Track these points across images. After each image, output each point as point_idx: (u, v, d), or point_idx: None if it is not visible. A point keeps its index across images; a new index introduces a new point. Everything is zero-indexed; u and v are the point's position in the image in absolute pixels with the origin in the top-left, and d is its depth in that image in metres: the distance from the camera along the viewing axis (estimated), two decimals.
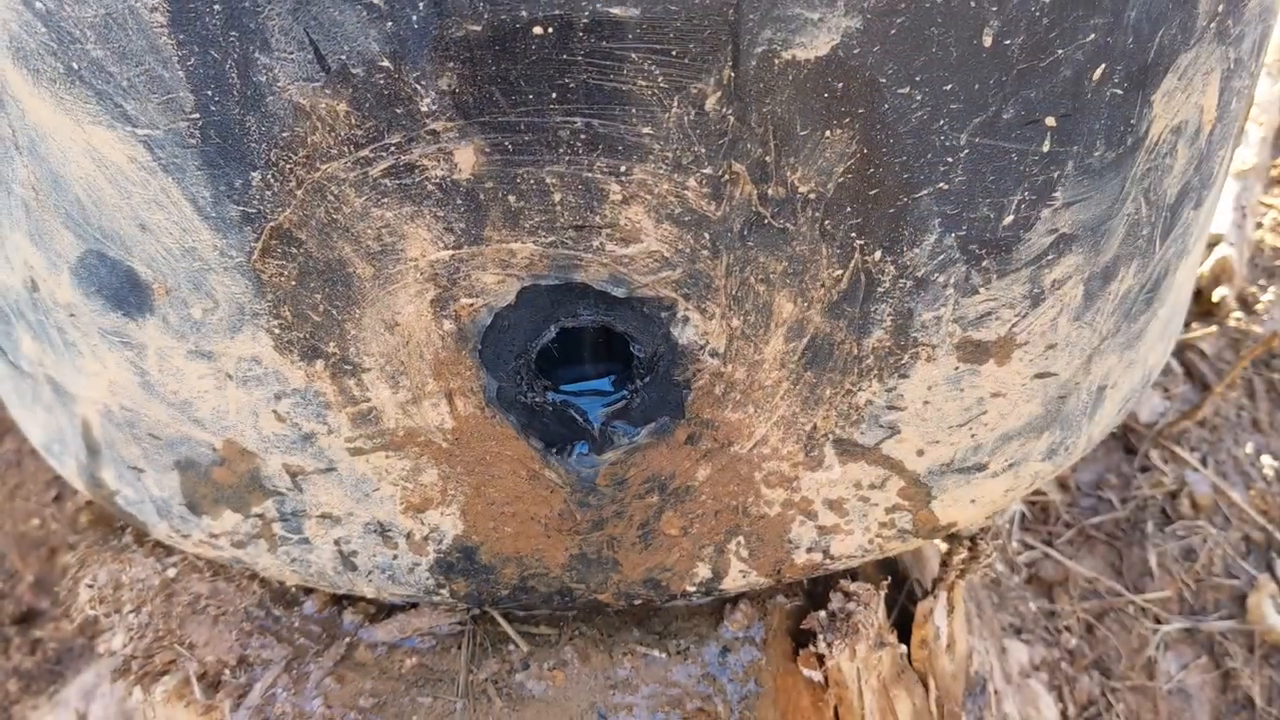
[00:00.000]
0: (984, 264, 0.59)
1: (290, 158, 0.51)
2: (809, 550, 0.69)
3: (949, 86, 0.52)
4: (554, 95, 0.49)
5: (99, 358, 0.62)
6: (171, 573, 0.72)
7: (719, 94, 0.50)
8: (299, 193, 0.52)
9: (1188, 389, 1.30)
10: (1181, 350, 1.33)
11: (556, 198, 0.52)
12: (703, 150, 0.51)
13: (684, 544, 0.66)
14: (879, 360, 0.61)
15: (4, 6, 0.50)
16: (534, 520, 0.63)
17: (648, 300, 0.56)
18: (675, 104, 0.50)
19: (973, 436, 0.67)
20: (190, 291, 0.57)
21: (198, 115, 0.51)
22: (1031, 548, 1.16)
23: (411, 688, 0.68)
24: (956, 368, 0.63)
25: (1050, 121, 0.56)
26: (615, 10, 0.47)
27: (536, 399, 0.59)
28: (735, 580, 0.70)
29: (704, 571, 0.69)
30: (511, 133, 0.50)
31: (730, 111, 0.50)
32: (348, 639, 0.71)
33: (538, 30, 0.47)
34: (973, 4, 0.50)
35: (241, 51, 0.49)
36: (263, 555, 0.67)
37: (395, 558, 0.66)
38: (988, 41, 0.52)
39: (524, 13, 0.47)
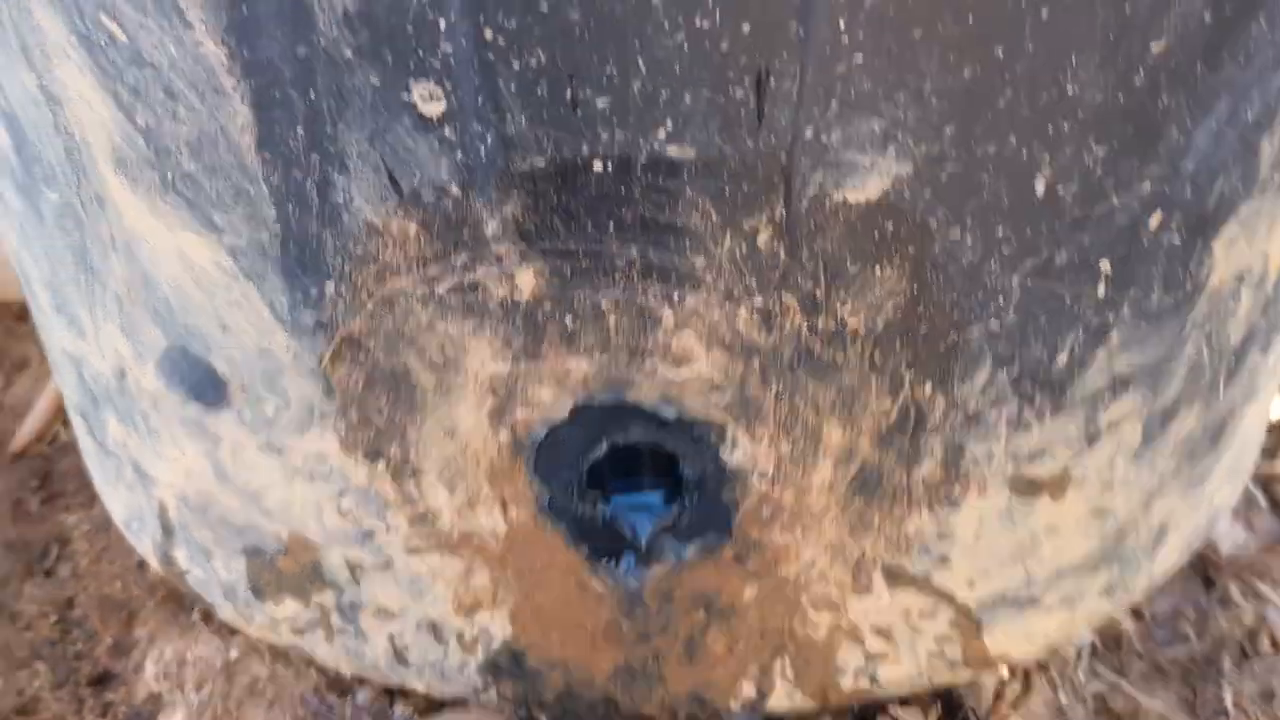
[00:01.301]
0: (1037, 402, 0.60)
1: (362, 271, 0.54)
2: (856, 675, 0.69)
3: (1000, 231, 0.53)
4: (612, 226, 0.51)
5: (178, 445, 0.65)
6: (234, 654, 0.74)
7: (771, 230, 0.52)
8: (369, 304, 0.55)
9: (1272, 522, 1.26)
10: (1266, 482, 1.30)
11: (611, 321, 0.54)
12: (754, 282, 0.53)
13: (730, 662, 0.67)
14: (929, 491, 0.61)
15: (107, 119, 0.54)
16: (580, 628, 0.65)
17: (698, 422, 0.57)
18: (728, 238, 0.52)
19: (1026, 570, 0.66)
20: (264, 390, 0.60)
21: (279, 228, 0.54)
22: (1101, 678, 1.13)
23: None
24: (1009, 502, 0.63)
25: (1105, 267, 0.57)
26: (672, 151, 0.49)
27: (587, 511, 0.61)
28: (780, 701, 0.70)
29: (749, 690, 0.69)
30: (570, 259, 0.52)
31: (781, 247, 0.52)
32: None
33: (598, 166, 0.50)
34: (1024, 153, 0.51)
35: (321, 172, 0.52)
36: (320, 644, 0.70)
37: (446, 655, 0.68)
38: (1040, 189, 0.53)
39: (585, 150, 0.49)
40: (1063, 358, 0.59)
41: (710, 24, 0.46)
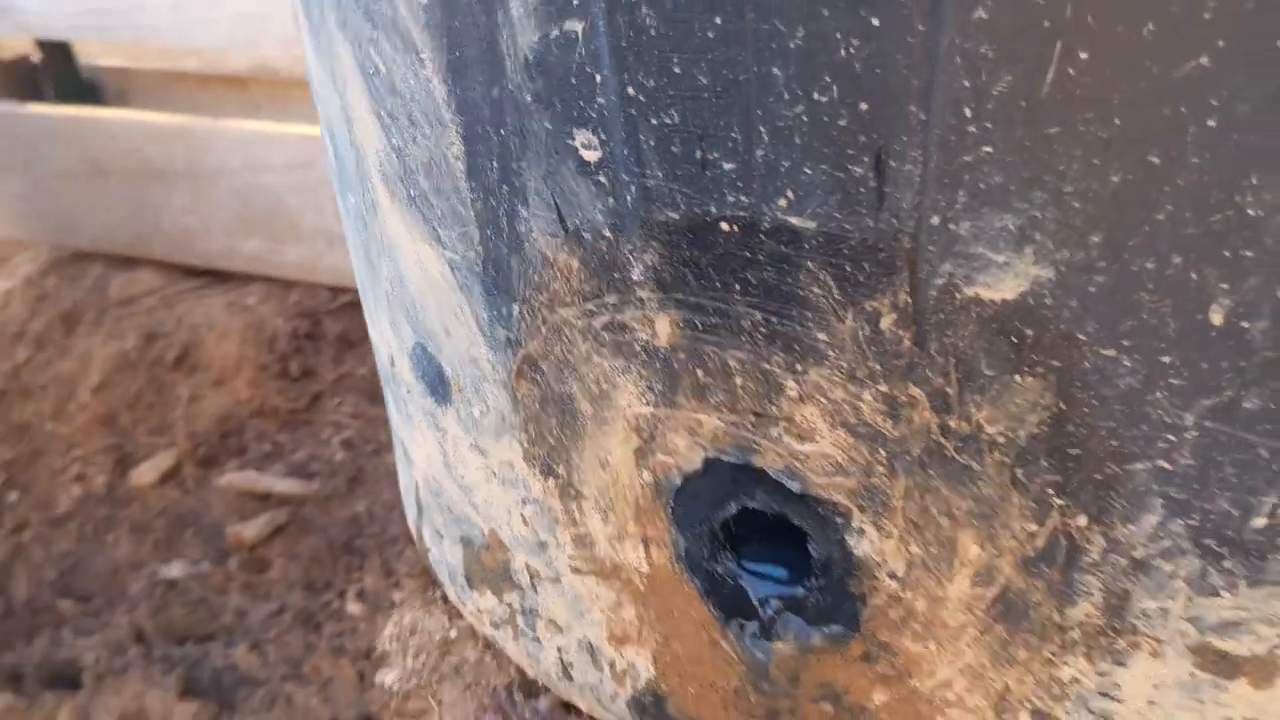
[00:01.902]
0: (1226, 565, 0.52)
1: (538, 297, 0.59)
2: None
3: (1167, 359, 0.48)
4: (737, 287, 0.52)
5: (422, 433, 0.74)
6: (454, 634, 0.82)
7: (895, 316, 0.50)
8: (543, 329, 0.60)
9: None
10: None
11: (738, 381, 0.55)
12: (878, 367, 0.51)
13: None
14: (1087, 638, 0.55)
15: (375, 138, 0.63)
16: (713, 688, 0.65)
17: (823, 502, 0.56)
18: (850, 317, 0.51)
19: None
20: (473, 394, 0.66)
21: (481, 249, 0.60)
22: None
23: None
24: (1193, 674, 0.55)
25: None
26: (793, 220, 0.49)
27: (718, 569, 0.61)
28: None
29: None
30: (701, 313, 0.54)
31: (907, 336, 0.50)
32: None
33: (725, 226, 0.51)
34: (1193, 276, 0.46)
35: (509, 203, 0.57)
36: (509, 642, 0.75)
37: (601, 682, 0.71)
38: (1216, 320, 0.47)
39: (713, 209, 0.51)
40: (1260, 521, 0.51)
41: (829, 99, 0.47)
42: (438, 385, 0.69)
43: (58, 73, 2.03)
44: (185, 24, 1.67)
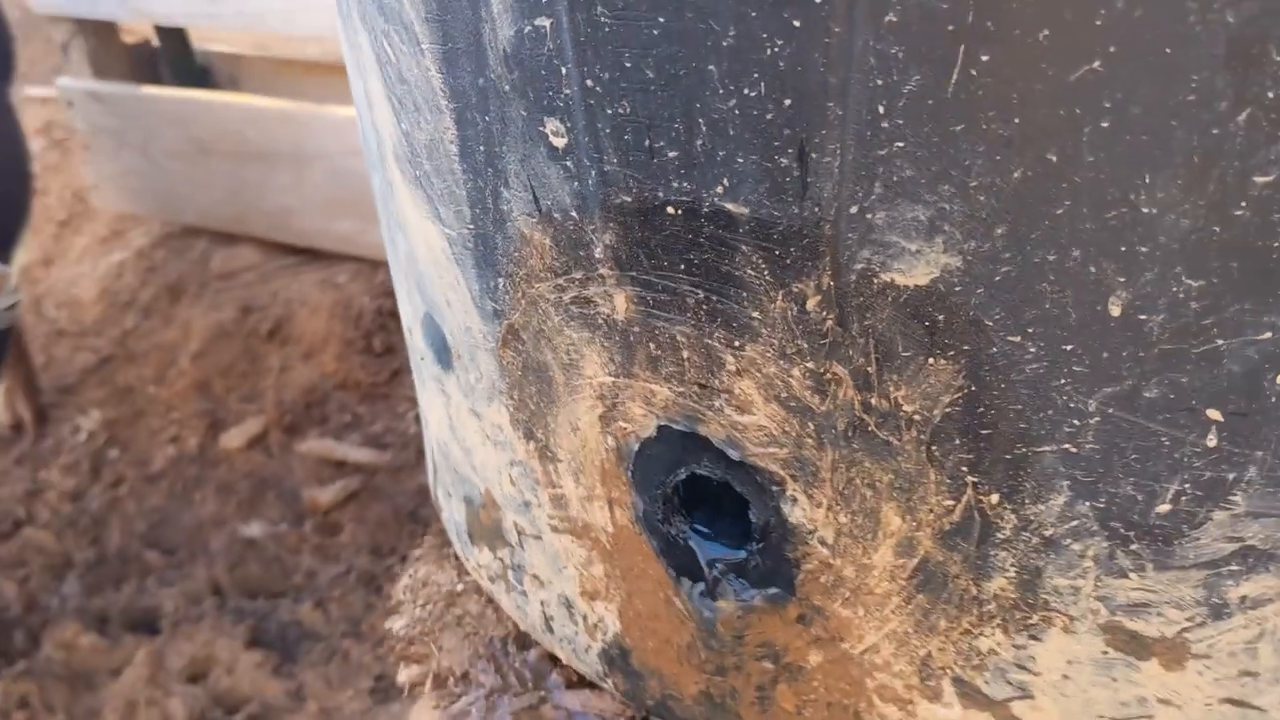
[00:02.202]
0: (1133, 547, 0.55)
1: (518, 272, 0.64)
2: None
3: (1069, 347, 0.51)
4: (682, 267, 0.57)
5: (433, 397, 0.80)
6: (460, 587, 0.87)
7: (819, 298, 0.54)
8: (523, 302, 0.65)
9: None
10: None
11: (685, 355, 0.59)
12: (805, 345, 0.56)
13: None
14: (1003, 610, 0.59)
15: (389, 121, 0.69)
16: (669, 643, 0.69)
17: (760, 470, 0.60)
18: (780, 298, 0.55)
19: None
20: (469, 361, 0.72)
21: (473, 226, 0.66)
22: None
23: None
24: (1105, 651, 0.58)
25: (1214, 415, 0.51)
26: (729, 206, 0.54)
27: (671, 531, 0.66)
28: None
29: None
30: (652, 290, 0.59)
31: (830, 317, 0.54)
32: (541, 693, 0.81)
33: (670, 210, 0.56)
34: (1091, 269, 0.49)
35: (494, 184, 0.63)
36: (503, 595, 0.81)
37: (576, 634, 0.76)
38: (1115, 311, 0.50)
39: (660, 194, 0.56)
40: (1163, 506, 0.54)
41: (757, 94, 0.51)
42: (443, 352, 0.75)
43: (174, 57, 2.16)
44: (289, 11, 1.77)
